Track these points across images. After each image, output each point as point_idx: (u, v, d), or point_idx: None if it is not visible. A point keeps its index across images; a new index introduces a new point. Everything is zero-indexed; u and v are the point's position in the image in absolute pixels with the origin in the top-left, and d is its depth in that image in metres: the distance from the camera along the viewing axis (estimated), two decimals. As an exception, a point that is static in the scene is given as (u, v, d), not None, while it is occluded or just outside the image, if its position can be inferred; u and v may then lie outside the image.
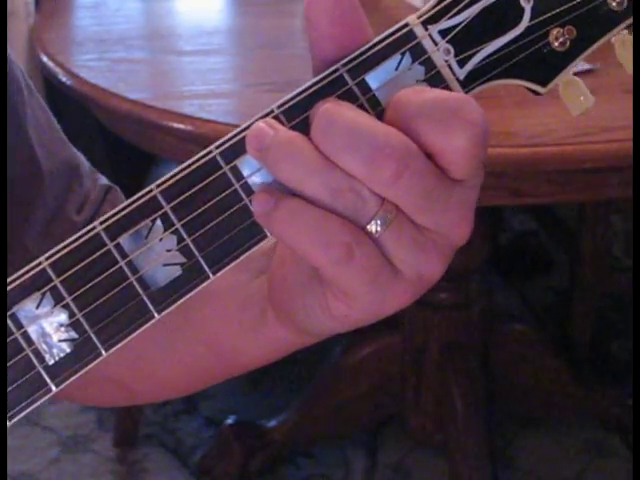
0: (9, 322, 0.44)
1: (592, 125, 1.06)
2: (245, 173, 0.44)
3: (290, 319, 0.50)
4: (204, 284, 0.45)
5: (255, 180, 0.44)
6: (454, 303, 1.62)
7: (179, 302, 0.45)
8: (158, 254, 0.44)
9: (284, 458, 1.77)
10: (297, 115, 0.45)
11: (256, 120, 0.44)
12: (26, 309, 0.44)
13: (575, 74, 0.47)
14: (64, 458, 1.82)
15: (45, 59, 1.38)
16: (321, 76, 0.45)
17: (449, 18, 0.45)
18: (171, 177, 0.45)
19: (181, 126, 1.17)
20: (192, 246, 0.45)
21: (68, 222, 0.66)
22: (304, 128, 0.44)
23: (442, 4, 0.45)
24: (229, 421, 1.74)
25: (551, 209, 2.22)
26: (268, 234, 0.45)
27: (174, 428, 1.87)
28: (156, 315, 0.45)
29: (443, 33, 0.45)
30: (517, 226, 2.36)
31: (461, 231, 0.45)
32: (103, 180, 0.71)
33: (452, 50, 0.45)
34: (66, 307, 0.44)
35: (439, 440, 1.70)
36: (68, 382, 0.45)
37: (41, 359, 0.44)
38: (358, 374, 1.71)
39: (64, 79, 1.32)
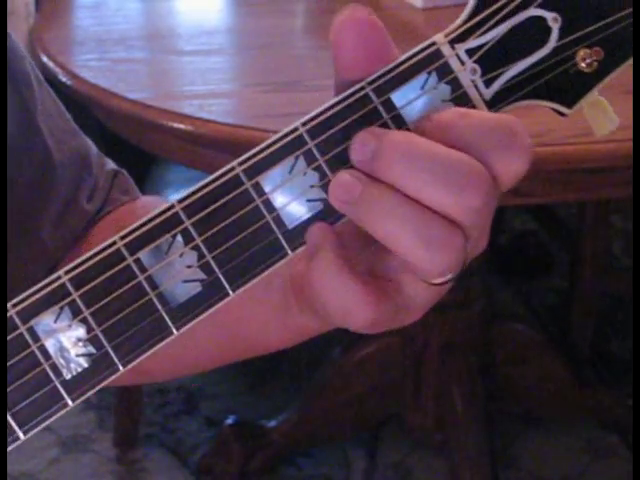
0: (26, 335, 0.43)
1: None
2: (267, 189, 0.44)
3: (309, 306, 0.50)
4: (224, 301, 0.45)
5: (277, 197, 0.44)
6: (454, 303, 1.62)
7: (198, 319, 0.45)
8: (178, 270, 0.44)
9: (284, 458, 1.77)
10: (322, 133, 0.44)
11: (281, 137, 0.44)
12: (44, 322, 0.43)
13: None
14: (64, 458, 1.82)
15: (45, 59, 1.38)
16: (346, 94, 0.44)
17: (476, 37, 0.45)
18: (193, 193, 0.44)
19: (181, 126, 1.17)
20: (212, 263, 0.44)
21: (80, 211, 0.66)
22: (329, 146, 0.44)
23: (469, 23, 0.45)
24: (229, 421, 1.74)
25: (551, 209, 2.21)
26: (289, 252, 0.45)
27: (174, 428, 1.87)
28: (175, 332, 0.45)
29: (470, 52, 0.45)
30: (517, 226, 2.36)
31: (484, 240, 0.45)
32: (110, 165, 0.70)
33: (479, 70, 0.45)
34: (84, 322, 0.44)
35: (439, 440, 1.70)
36: (85, 397, 0.44)
37: (58, 373, 0.44)
38: (358, 374, 1.71)
39: (64, 79, 1.32)
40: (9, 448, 0.44)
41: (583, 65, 0.46)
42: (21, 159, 0.63)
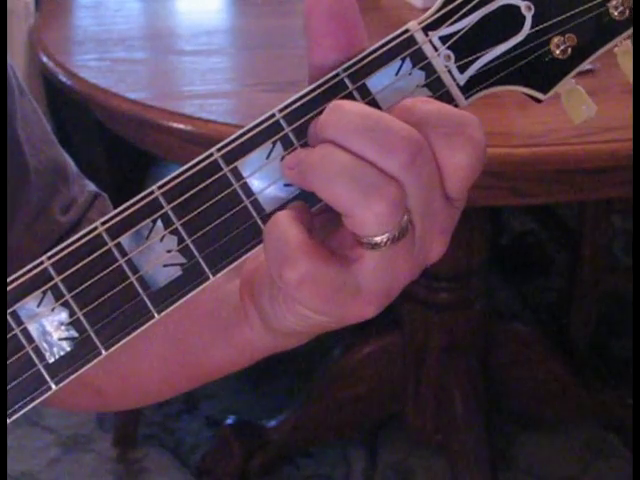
0: (10, 320, 0.44)
1: (592, 125, 1.06)
2: (245, 174, 0.45)
3: (257, 310, 0.51)
4: (204, 285, 0.45)
5: (255, 181, 0.45)
6: (454, 303, 1.62)
7: (179, 302, 0.45)
8: (158, 254, 0.45)
9: (284, 458, 1.77)
10: (298, 119, 0.45)
11: (258, 123, 0.45)
12: (27, 307, 0.44)
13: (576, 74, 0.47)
14: (64, 458, 1.82)
15: (45, 59, 1.38)
16: (322, 80, 0.45)
17: (450, 24, 0.46)
18: (172, 178, 0.45)
19: (181, 126, 1.17)
20: (192, 247, 0.45)
21: (52, 222, 0.66)
22: (305, 132, 0.45)
23: (443, 10, 0.46)
24: (229, 421, 1.74)
25: (551, 209, 2.22)
26: None
27: (174, 428, 1.87)
28: (156, 315, 0.45)
29: (444, 39, 0.46)
30: (517, 226, 2.36)
31: (438, 248, 0.45)
32: (91, 187, 0.71)
33: (452, 56, 0.46)
34: (66, 306, 0.44)
35: (439, 440, 1.70)
36: (68, 380, 0.45)
37: (41, 357, 0.44)
38: (358, 374, 1.71)
39: (64, 79, 1.32)
40: None
41: (557, 52, 0.46)
42: None
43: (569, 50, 0.46)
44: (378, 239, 0.43)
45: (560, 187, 1.16)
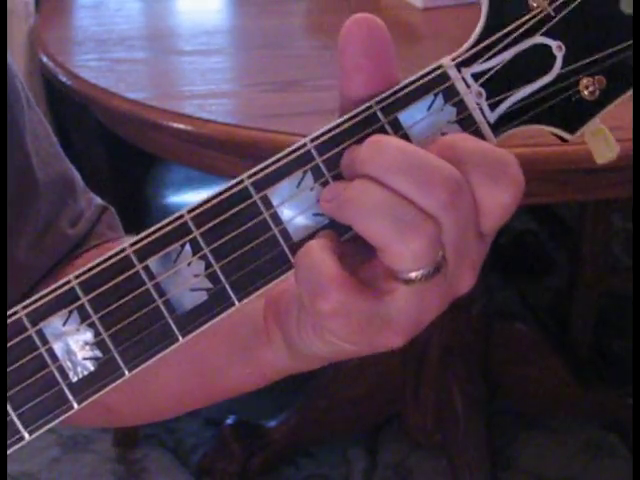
0: (35, 337, 0.44)
1: (592, 125, 1.05)
2: (275, 203, 0.45)
3: (282, 334, 0.51)
4: (229, 311, 0.46)
5: (284, 210, 0.45)
6: (454, 303, 1.62)
7: (204, 327, 0.45)
8: (185, 278, 0.45)
9: (284, 458, 1.77)
10: (330, 149, 0.45)
11: (290, 152, 0.45)
12: (52, 326, 0.44)
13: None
14: (64, 458, 1.82)
15: (45, 59, 1.38)
16: (354, 112, 0.45)
17: (483, 62, 0.46)
18: (202, 203, 0.45)
19: (181, 126, 1.17)
20: (219, 272, 0.45)
21: (61, 235, 0.66)
22: (336, 162, 0.45)
23: (476, 48, 0.46)
24: (229, 421, 1.74)
25: (551, 209, 2.22)
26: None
27: (174, 428, 1.87)
28: (180, 339, 0.45)
29: (476, 76, 0.46)
30: (517, 226, 2.36)
31: (468, 281, 0.46)
32: (98, 200, 0.71)
33: (484, 93, 0.46)
34: (92, 326, 0.44)
35: (439, 440, 1.70)
36: (90, 400, 0.45)
37: (65, 376, 0.44)
38: (358, 374, 1.71)
39: (64, 79, 1.32)
40: (15, 447, 0.45)
41: (586, 93, 0.47)
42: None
43: (597, 92, 0.47)
44: (413, 275, 0.43)
45: (560, 187, 1.16)
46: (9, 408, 0.44)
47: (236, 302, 0.45)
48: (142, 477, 1.78)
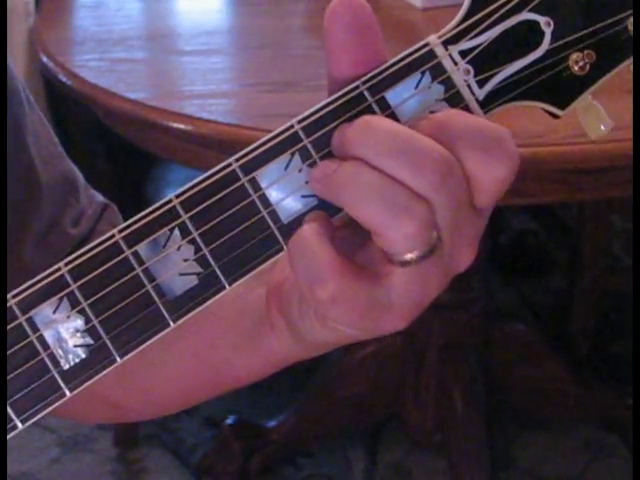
0: (25, 325, 0.44)
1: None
2: (263, 185, 0.45)
3: (286, 321, 0.51)
4: (220, 294, 0.45)
5: (272, 192, 0.45)
6: (454, 303, 1.62)
7: (195, 311, 0.45)
8: (175, 263, 0.45)
9: (284, 458, 1.77)
10: (317, 130, 0.45)
11: (278, 134, 0.45)
12: (43, 313, 0.44)
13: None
14: (64, 458, 1.82)
15: (45, 59, 1.38)
16: (341, 92, 0.45)
17: (470, 39, 0.46)
18: (190, 187, 0.45)
19: (181, 126, 1.17)
20: (209, 256, 0.45)
21: (64, 235, 0.66)
22: (323, 143, 0.45)
23: (463, 25, 0.46)
24: (229, 421, 1.74)
25: (551, 209, 2.21)
26: (285, 246, 0.45)
27: (174, 428, 1.87)
28: (172, 324, 0.45)
29: (463, 54, 0.46)
30: (517, 226, 2.36)
31: (466, 257, 0.45)
32: (99, 197, 0.71)
33: (472, 70, 0.46)
34: (82, 313, 0.44)
35: (439, 440, 1.70)
36: (82, 387, 0.45)
37: (56, 363, 0.45)
38: (358, 374, 1.71)
39: (64, 79, 1.32)
40: (8, 436, 0.45)
41: (576, 68, 0.46)
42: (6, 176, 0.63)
43: (587, 67, 0.46)
44: (408, 257, 0.43)
45: (560, 187, 1.16)
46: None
47: (226, 286, 0.45)
48: (142, 477, 1.78)
